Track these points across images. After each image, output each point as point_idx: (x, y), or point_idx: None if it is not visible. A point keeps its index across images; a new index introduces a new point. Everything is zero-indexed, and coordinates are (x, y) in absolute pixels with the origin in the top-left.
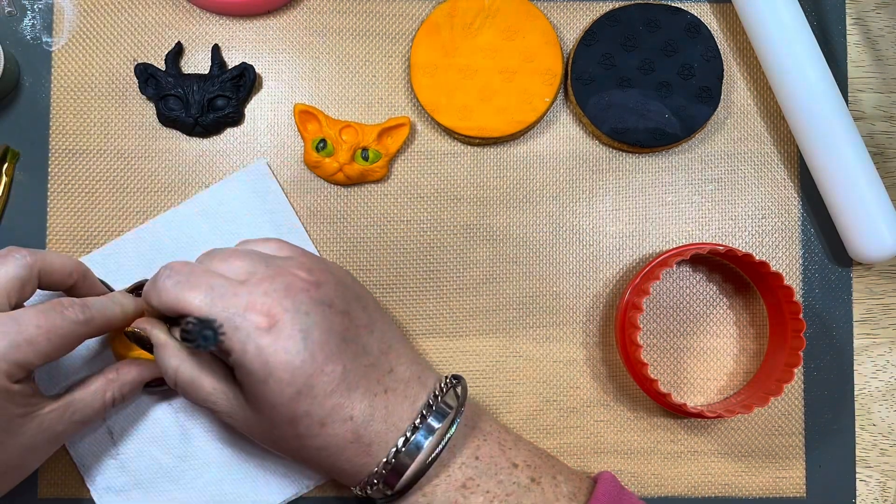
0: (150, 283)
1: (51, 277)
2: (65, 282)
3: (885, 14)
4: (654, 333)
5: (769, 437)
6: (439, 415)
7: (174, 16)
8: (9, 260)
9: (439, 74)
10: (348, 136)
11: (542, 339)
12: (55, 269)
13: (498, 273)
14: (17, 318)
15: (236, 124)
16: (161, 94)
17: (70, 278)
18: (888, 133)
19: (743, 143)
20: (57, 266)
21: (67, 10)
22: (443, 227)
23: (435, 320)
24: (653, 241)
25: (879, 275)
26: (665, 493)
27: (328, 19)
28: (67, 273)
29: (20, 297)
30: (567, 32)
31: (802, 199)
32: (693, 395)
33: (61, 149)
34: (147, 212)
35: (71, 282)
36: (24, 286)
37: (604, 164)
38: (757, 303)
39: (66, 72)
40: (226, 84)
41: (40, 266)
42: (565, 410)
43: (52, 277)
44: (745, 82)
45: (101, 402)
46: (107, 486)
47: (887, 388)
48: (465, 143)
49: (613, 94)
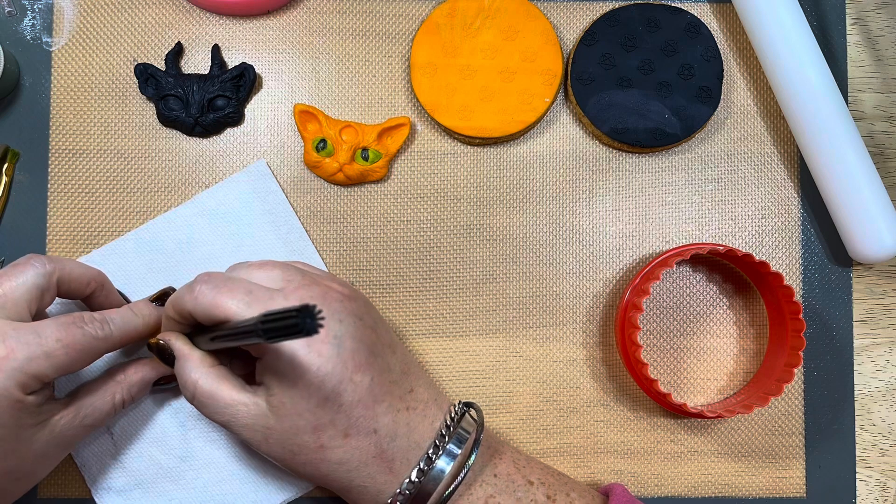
0: (185, 289)
1: (69, 286)
2: (83, 291)
3: (885, 14)
4: (654, 333)
5: (769, 437)
6: (458, 440)
7: (174, 16)
8: (28, 268)
9: (439, 74)
10: (348, 136)
11: (542, 339)
12: (74, 278)
13: (498, 273)
14: (38, 331)
15: (236, 124)
16: (161, 94)
17: (89, 287)
18: (888, 133)
19: (743, 143)
20: (76, 275)
21: (67, 10)
22: (443, 227)
23: (435, 320)
24: (653, 241)
25: (879, 275)
26: (665, 493)
27: (328, 19)
28: (86, 282)
29: (40, 305)
30: (567, 32)
31: (802, 199)
32: (693, 395)
33: (61, 149)
34: (147, 212)
35: (89, 291)
36: (44, 294)
37: (604, 164)
38: (757, 303)
39: (66, 72)
40: (226, 84)
41: (59, 274)
42: (565, 410)
43: (70, 286)
44: (745, 82)
45: (111, 404)
46: (107, 487)
47: (887, 388)
48: (465, 143)
49: (613, 94)
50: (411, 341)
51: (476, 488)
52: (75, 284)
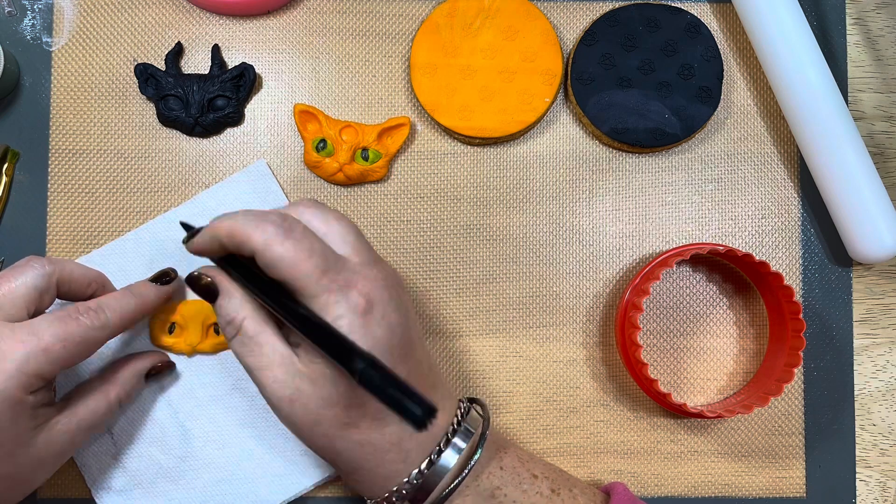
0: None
1: (69, 287)
2: (84, 292)
3: (885, 14)
4: (654, 333)
5: (769, 437)
6: (465, 434)
7: (174, 16)
8: (28, 269)
9: (439, 74)
10: (348, 136)
11: (542, 339)
12: (74, 279)
13: (498, 273)
14: (34, 328)
15: (236, 124)
16: (161, 95)
17: (89, 288)
18: (888, 133)
19: (743, 143)
20: (76, 276)
21: (67, 10)
22: (443, 227)
23: (435, 320)
24: (653, 241)
25: (879, 275)
26: (665, 493)
27: (328, 19)
28: (87, 283)
29: (39, 307)
30: (567, 32)
31: (802, 199)
32: (693, 395)
33: (61, 149)
34: (147, 212)
35: (90, 292)
36: (43, 296)
37: (604, 164)
38: (757, 303)
39: (66, 72)
40: (226, 84)
41: (59, 276)
42: (565, 410)
43: (70, 287)
44: (745, 82)
45: (106, 403)
46: (107, 487)
47: (887, 388)
48: (465, 143)
49: (613, 94)
50: None
51: (483, 479)
52: (76, 286)
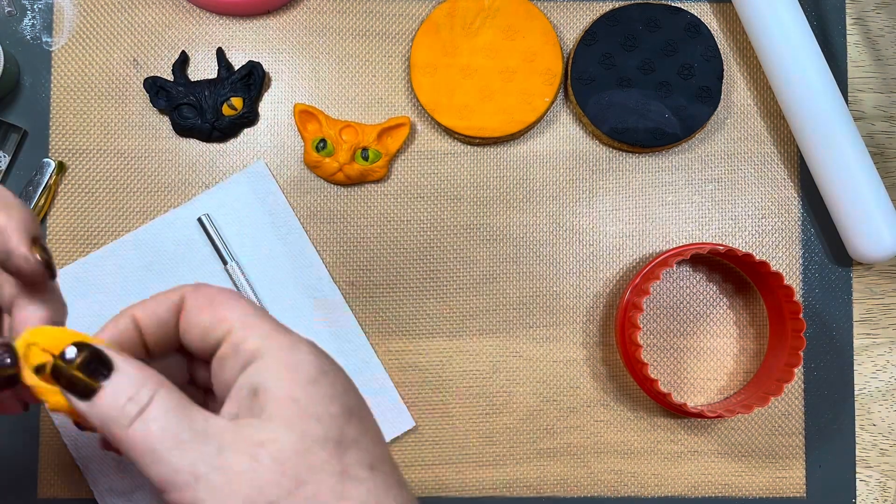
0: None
1: None
2: None
3: (885, 14)
4: (654, 333)
5: (769, 437)
6: None
7: (174, 16)
8: None
9: (439, 74)
10: (348, 136)
11: (542, 339)
12: None
13: (498, 273)
14: None
15: (252, 124)
16: (174, 105)
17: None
18: (888, 133)
19: (743, 143)
20: None
21: (67, 9)
22: (443, 227)
23: (435, 320)
24: (653, 241)
25: (879, 275)
26: (665, 493)
27: (328, 19)
28: None
29: None
30: (567, 32)
31: (802, 199)
32: (693, 395)
33: (61, 149)
34: (147, 212)
35: None
36: None
37: (604, 164)
38: (757, 303)
39: (66, 72)
40: (236, 84)
41: None
42: (565, 410)
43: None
44: (745, 82)
45: None
46: (109, 488)
47: (887, 388)
48: (465, 143)
49: (613, 94)
50: (411, 341)
51: None
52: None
